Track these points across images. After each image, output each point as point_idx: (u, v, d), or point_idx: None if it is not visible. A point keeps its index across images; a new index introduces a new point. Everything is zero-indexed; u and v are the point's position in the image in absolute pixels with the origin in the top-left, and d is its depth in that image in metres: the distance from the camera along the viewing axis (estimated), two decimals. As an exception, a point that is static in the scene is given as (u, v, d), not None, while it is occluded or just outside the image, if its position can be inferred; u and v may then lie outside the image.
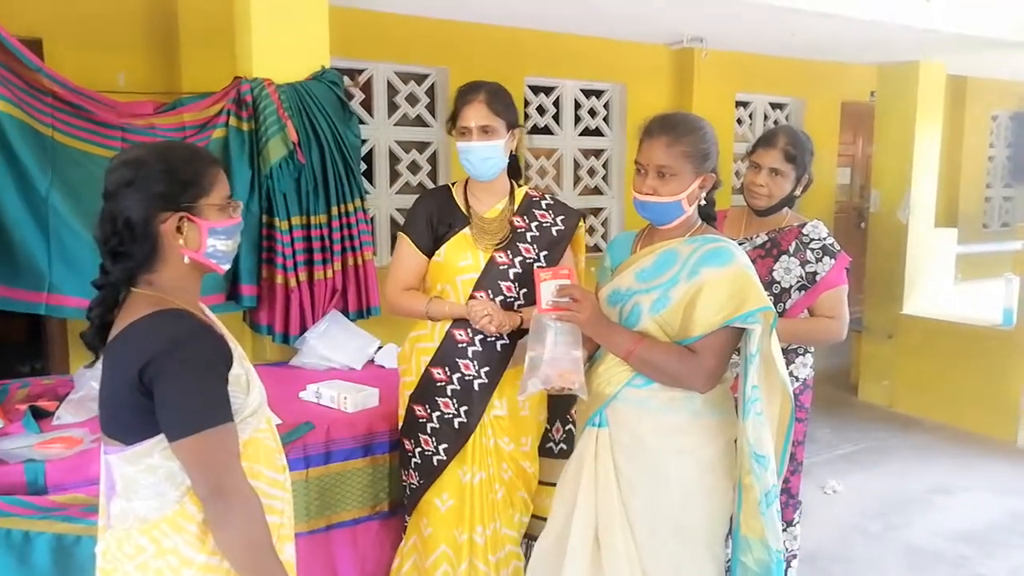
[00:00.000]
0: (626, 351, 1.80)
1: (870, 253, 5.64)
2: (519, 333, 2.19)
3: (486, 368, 2.20)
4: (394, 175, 5.05)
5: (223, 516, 1.27)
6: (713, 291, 1.75)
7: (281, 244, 2.97)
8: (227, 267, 1.42)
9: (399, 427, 2.30)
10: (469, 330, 2.18)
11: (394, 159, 5.05)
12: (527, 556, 2.30)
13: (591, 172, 5.86)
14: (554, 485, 2.17)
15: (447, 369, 2.20)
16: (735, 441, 1.87)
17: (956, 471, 4.35)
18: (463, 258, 2.20)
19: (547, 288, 1.83)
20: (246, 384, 1.37)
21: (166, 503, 1.29)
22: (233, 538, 1.27)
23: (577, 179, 5.78)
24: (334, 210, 3.06)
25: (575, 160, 5.75)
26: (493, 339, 2.20)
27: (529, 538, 2.42)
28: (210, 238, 1.36)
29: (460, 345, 2.19)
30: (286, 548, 1.44)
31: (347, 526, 2.42)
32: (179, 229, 1.33)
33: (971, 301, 5.46)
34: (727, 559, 1.94)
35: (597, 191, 6.01)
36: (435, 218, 2.22)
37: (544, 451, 2.40)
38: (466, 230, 2.21)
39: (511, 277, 2.21)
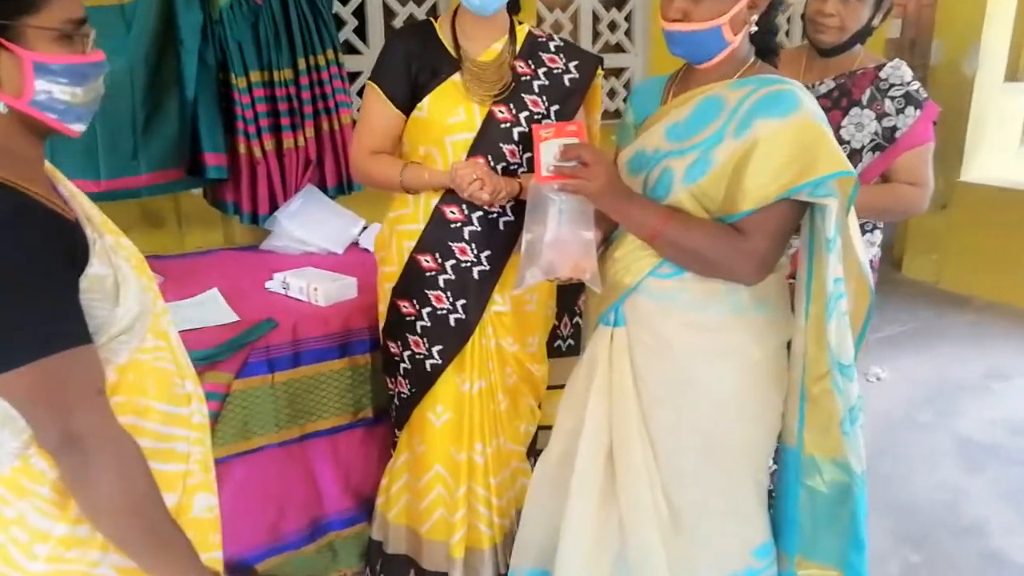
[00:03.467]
0: (651, 231, 1.37)
1: (927, 113, 5.00)
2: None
3: (487, 252, 1.78)
4: (390, 32, 4.45)
5: (81, 471, 0.90)
6: (770, 150, 1.29)
7: (240, 106, 2.50)
8: (79, 128, 0.97)
9: (380, 327, 1.92)
10: (464, 205, 1.75)
11: (389, 13, 4.44)
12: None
13: (612, 26, 5.20)
14: (563, 388, 1.82)
15: (438, 256, 1.79)
16: (788, 344, 1.47)
17: (1013, 355, 3.96)
18: (454, 113, 1.73)
19: (548, 149, 1.37)
20: (113, 288, 0.96)
21: (0, 458, 0.92)
22: (99, 499, 0.91)
23: (596, 34, 5.13)
24: (301, 64, 2.57)
25: (594, 12, 5.09)
26: (495, 214, 1.77)
27: (537, 452, 2.09)
28: (39, 79, 0.91)
29: (453, 225, 1.77)
30: (197, 500, 1.08)
31: (325, 435, 2.10)
32: None
33: (1037, 166, 4.89)
34: (770, 485, 1.59)
35: (619, 48, 5.37)
36: (415, 62, 1.73)
37: (551, 350, 2.03)
38: (456, 77, 1.73)
39: (515, 138, 1.75)
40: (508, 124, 1.74)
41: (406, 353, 1.86)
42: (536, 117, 1.75)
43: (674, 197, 1.39)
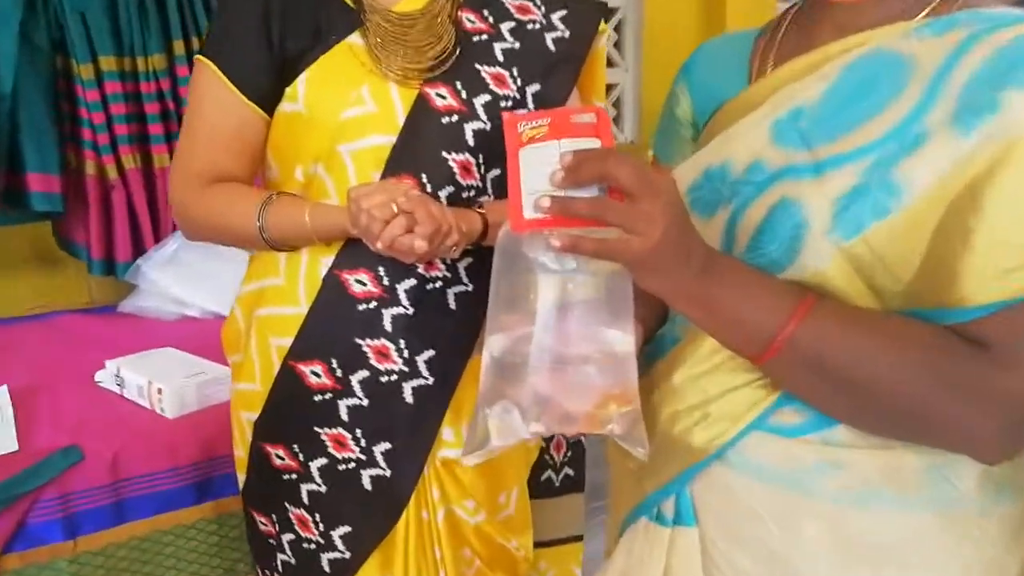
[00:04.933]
0: (769, 336, 0.63)
1: None
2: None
3: (426, 353, 1.02)
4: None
5: None
6: None
7: (86, 106, 1.73)
8: None
9: (240, 485, 1.14)
10: (381, 268, 0.99)
11: None
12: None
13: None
14: (554, 544, 1.27)
15: (335, 364, 1.01)
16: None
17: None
18: (352, 101, 0.96)
19: (537, 161, 0.60)
20: None
21: None
22: None
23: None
24: (178, 47, 1.80)
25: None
26: (438, 282, 1.01)
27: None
28: None
29: (362, 305, 1.00)
30: None
31: (178, 626, 1.31)
32: None
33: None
34: None
35: (608, 62, 4.66)
36: (278, 20, 0.97)
37: (536, 487, 1.27)
38: (355, 39, 0.97)
39: (468, 141, 0.99)
40: (454, 116, 0.98)
41: (286, 537, 1.08)
42: (503, 102, 1.00)
43: (805, 263, 0.64)
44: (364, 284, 1.00)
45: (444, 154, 0.98)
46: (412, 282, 1.00)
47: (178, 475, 1.27)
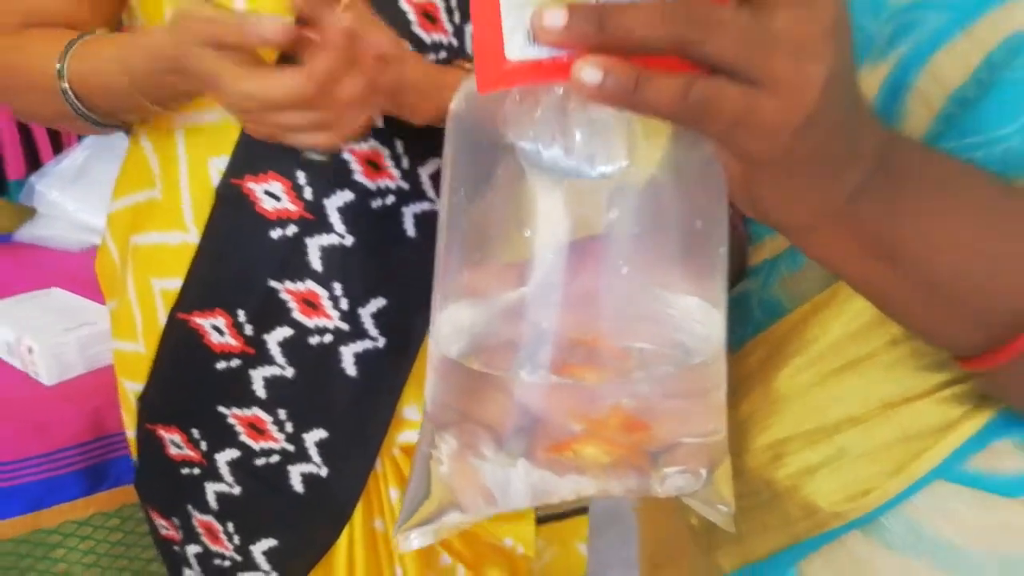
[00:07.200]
0: None
1: None
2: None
3: (374, 303, 0.70)
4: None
5: None
6: None
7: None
8: None
9: (134, 466, 0.83)
10: (301, 174, 0.65)
11: None
12: None
13: None
14: (553, 520, 0.98)
15: (241, 315, 0.69)
16: None
17: None
18: None
19: None
20: None
21: None
22: None
23: None
24: None
25: None
26: (388, 196, 0.68)
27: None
28: None
29: (275, 231, 0.66)
30: None
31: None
32: None
33: None
34: None
35: None
36: None
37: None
38: None
39: None
40: None
41: (191, 549, 0.78)
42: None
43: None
44: (276, 199, 0.67)
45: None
46: (348, 196, 0.67)
47: (60, 459, 0.96)
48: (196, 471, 0.75)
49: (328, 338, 0.70)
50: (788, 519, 0.42)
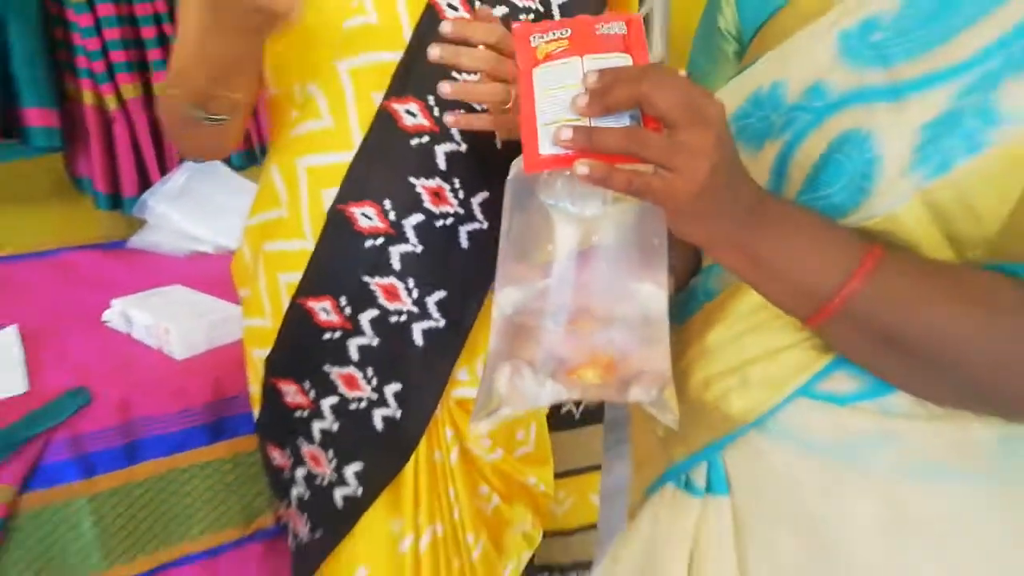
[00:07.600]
0: (828, 294, 0.54)
1: None
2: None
3: (437, 294, 0.96)
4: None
5: None
6: None
7: (80, 32, 1.64)
8: None
9: (255, 419, 1.10)
10: (388, 200, 0.92)
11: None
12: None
13: None
14: (572, 475, 1.24)
15: (344, 301, 0.95)
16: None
17: None
18: (353, 8, 0.86)
19: (553, 82, 0.53)
20: None
21: None
22: None
23: None
24: (174, -36, 1.69)
25: None
26: (449, 218, 0.94)
27: (546, 570, 1.32)
28: None
29: (369, 241, 0.93)
30: None
31: (199, 561, 1.30)
32: None
33: None
34: None
35: None
36: None
37: (555, 418, 1.22)
38: None
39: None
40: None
41: (299, 472, 1.05)
42: (524, 15, 0.90)
43: (873, 209, 0.56)
44: (370, 218, 0.93)
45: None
46: (419, 218, 0.93)
47: (187, 416, 1.24)
48: (305, 413, 1.02)
49: (404, 318, 0.96)
50: (713, 424, 0.67)
